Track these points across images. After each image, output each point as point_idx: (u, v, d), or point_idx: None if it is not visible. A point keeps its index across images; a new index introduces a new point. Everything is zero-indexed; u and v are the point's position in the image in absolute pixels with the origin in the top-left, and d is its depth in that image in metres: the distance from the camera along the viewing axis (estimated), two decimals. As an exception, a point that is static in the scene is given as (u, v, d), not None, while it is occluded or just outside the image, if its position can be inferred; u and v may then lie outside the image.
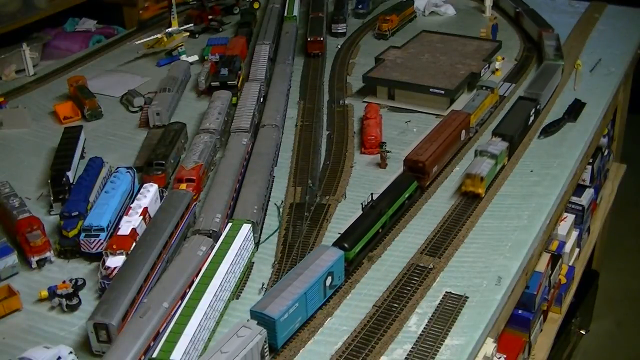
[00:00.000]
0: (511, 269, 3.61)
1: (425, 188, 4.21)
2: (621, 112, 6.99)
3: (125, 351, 2.89)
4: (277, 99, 5.17)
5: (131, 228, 3.69)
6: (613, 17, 7.02)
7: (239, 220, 3.66)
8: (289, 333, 3.14)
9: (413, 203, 4.09)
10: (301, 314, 3.17)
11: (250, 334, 2.89)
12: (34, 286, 3.57)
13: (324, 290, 3.31)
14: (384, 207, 3.79)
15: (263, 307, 3.03)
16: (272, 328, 3.00)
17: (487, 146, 4.27)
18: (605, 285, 7.43)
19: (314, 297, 3.24)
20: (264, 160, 4.36)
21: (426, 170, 4.09)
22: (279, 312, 3.01)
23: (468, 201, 4.11)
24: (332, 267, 3.32)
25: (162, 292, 3.19)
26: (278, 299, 3.06)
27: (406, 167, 4.16)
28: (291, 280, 3.19)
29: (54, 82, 6.02)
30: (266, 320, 2.99)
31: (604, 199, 6.86)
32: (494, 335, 3.44)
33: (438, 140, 4.28)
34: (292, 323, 3.12)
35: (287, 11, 6.87)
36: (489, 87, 5.06)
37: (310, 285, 3.17)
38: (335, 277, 3.38)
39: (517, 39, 6.51)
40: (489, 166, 4.13)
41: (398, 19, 6.80)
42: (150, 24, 6.92)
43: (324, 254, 3.37)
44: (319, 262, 3.31)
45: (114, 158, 4.63)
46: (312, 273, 3.23)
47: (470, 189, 4.10)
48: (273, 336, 3.02)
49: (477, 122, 4.85)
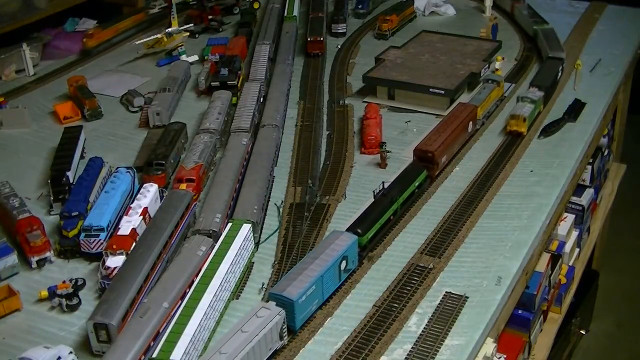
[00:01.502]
0: (511, 269, 3.62)
1: (435, 178, 4.29)
2: (621, 112, 6.99)
3: (125, 351, 2.89)
4: (277, 99, 5.17)
5: (131, 228, 3.69)
6: (613, 17, 7.02)
7: (239, 220, 3.66)
8: (307, 315, 3.23)
9: (423, 192, 4.19)
10: (318, 296, 3.27)
11: (269, 314, 2.98)
12: (34, 286, 3.57)
13: (339, 273, 3.40)
14: (395, 195, 3.90)
15: (281, 290, 3.12)
16: (290, 310, 3.08)
17: (527, 93, 4.98)
18: (605, 285, 7.43)
19: (329, 280, 3.33)
20: (264, 160, 4.36)
21: (435, 160, 4.23)
22: (297, 294, 3.10)
23: (468, 201, 4.12)
24: (347, 252, 3.41)
25: (162, 292, 3.19)
26: (296, 282, 3.16)
27: (416, 157, 4.30)
28: (307, 264, 3.28)
29: (54, 82, 6.02)
30: (285, 302, 3.08)
31: (604, 199, 6.86)
32: (494, 335, 3.44)
33: (446, 131, 4.42)
34: (309, 305, 3.21)
35: (287, 11, 6.87)
36: (495, 81, 5.18)
37: (326, 269, 3.27)
38: (350, 261, 3.47)
39: (517, 39, 6.51)
40: (530, 109, 4.82)
41: (398, 19, 6.80)
42: (96, 52, 6.47)
43: (339, 238, 3.46)
44: (333, 246, 3.40)
45: (114, 158, 4.63)
46: (328, 257, 3.33)
47: (515, 128, 4.77)
48: (291, 318, 3.10)
49: (483, 115, 4.95)
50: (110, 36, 6.60)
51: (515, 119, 4.75)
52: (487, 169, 4.46)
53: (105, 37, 6.55)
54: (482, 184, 4.31)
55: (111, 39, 6.61)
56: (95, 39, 6.46)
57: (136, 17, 6.96)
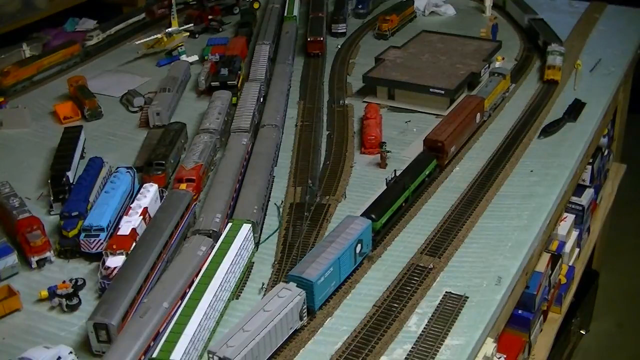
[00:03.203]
0: (511, 269, 3.61)
1: (444, 167, 4.42)
2: (621, 112, 6.99)
3: (125, 351, 2.89)
4: (277, 99, 5.17)
5: (131, 228, 3.69)
6: (613, 17, 7.03)
7: (239, 220, 3.66)
8: (325, 296, 3.33)
9: (432, 180, 4.32)
10: (335, 278, 3.37)
11: (290, 295, 3.10)
12: (34, 286, 3.57)
13: (354, 256, 3.50)
14: (407, 182, 4.03)
15: (301, 271, 3.22)
16: (310, 290, 3.19)
17: (554, 47, 5.70)
18: (605, 285, 7.43)
19: (346, 262, 3.43)
20: (264, 160, 4.36)
21: (445, 150, 4.36)
22: (316, 275, 3.20)
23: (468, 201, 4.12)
24: (362, 235, 3.51)
25: (162, 292, 3.19)
26: (314, 264, 3.26)
27: (426, 146, 4.43)
28: (324, 248, 3.38)
29: (54, 82, 6.02)
30: (304, 284, 3.18)
31: (604, 199, 6.86)
32: (494, 335, 3.44)
33: (455, 122, 4.55)
34: (327, 286, 3.31)
35: (287, 11, 6.87)
36: (502, 74, 5.27)
37: (343, 251, 3.37)
38: (364, 245, 3.57)
39: (517, 39, 6.51)
40: (561, 60, 5.58)
41: (398, 19, 6.80)
42: (12, 92, 5.78)
43: (353, 223, 3.56)
44: (349, 230, 3.50)
45: (114, 158, 4.63)
46: (344, 240, 3.42)
47: (551, 77, 5.48)
48: (311, 298, 3.21)
49: (490, 107, 5.04)
50: (29, 74, 5.91)
51: (551, 68, 5.45)
52: (487, 169, 4.46)
53: (23, 75, 5.86)
54: (482, 184, 4.30)
55: (31, 78, 5.91)
56: (12, 77, 5.80)
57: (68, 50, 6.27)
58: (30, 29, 7.78)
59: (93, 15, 8.19)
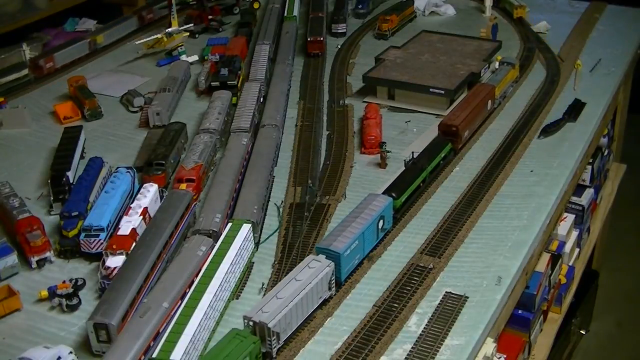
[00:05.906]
0: (511, 269, 3.61)
1: (458, 150, 4.62)
2: (621, 112, 6.99)
3: (125, 351, 2.89)
4: (277, 99, 5.17)
5: (131, 228, 3.69)
6: (613, 17, 7.03)
7: (239, 220, 3.66)
8: (351, 268, 3.49)
9: (447, 163, 4.50)
10: (359, 251, 3.53)
11: (319, 265, 3.26)
12: (34, 286, 3.57)
13: (377, 231, 3.66)
14: (424, 163, 4.22)
15: (328, 244, 3.39)
16: (337, 262, 3.34)
17: None
18: (605, 285, 7.43)
19: (370, 236, 3.60)
20: (264, 160, 4.36)
21: (459, 134, 4.56)
22: (343, 247, 3.36)
23: (468, 201, 4.12)
24: (384, 212, 3.68)
25: (162, 292, 3.19)
26: (340, 237, 3.42)
27: (440, 131, 4.62)
28: (349, 223, 3.53)
29: (54, 82, 6.02)
30: (331, 255, 3.34)
31: (604, 199, 6.86)
32: (494, 335, 3.44)
33: (468, 107, 4.76)
34: (353, 258, 3.48)
35: (287, 11, 6.87)
36: (510, 63, 5.44)
37: (367, 226, 3.53)
38: (386, 221, 3.74)
39: (517, 39, 6.51)
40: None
41: (398, 19, 6.80)
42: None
43: (375, 200, 3.72)
44: (372, 206, 3.65)
45: (114, 158, 4.63)
46: (368, 216, 3.58)
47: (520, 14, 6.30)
48: (337, 270, 3.35)
49: (500, 95, 5.20)
50: None
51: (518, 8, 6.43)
52: (487, 169, 4.46)
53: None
54: (482, 184, 4.30)
55: None
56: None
57: None
58: (30, 29, 7.78)
59: (93, 15, 8.20)
